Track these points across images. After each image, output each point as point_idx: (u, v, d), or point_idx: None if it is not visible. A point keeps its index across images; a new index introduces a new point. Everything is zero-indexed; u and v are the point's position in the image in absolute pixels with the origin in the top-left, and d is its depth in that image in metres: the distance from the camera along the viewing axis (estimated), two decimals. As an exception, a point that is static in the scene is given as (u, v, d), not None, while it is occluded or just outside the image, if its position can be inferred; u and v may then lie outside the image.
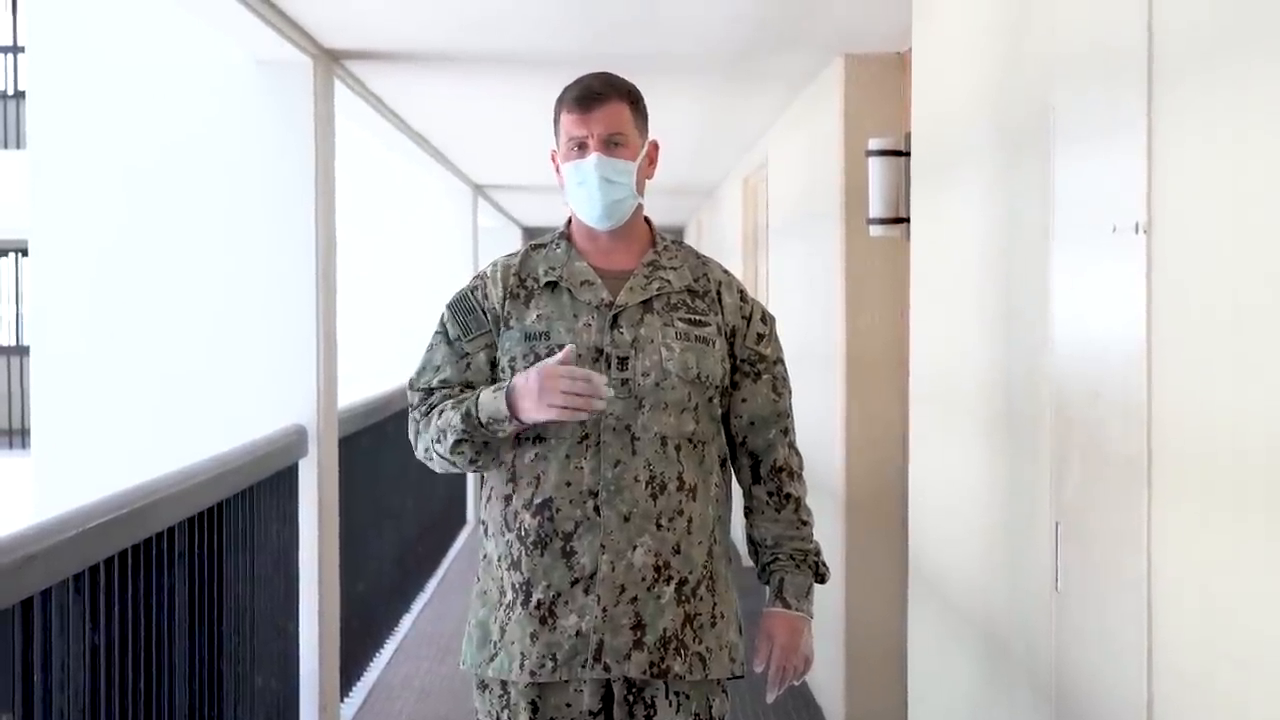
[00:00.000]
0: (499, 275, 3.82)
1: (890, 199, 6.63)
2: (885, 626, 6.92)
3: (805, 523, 3.91)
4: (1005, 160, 4.47)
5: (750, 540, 3.93)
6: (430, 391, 3.77)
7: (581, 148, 3.73)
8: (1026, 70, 4.23)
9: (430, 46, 7.43)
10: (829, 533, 7.57)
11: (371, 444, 8.42)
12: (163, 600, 5.03)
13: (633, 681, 3.70)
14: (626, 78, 3.92)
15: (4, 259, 26.22)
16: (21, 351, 25.05)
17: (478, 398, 3.61)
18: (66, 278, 10.42)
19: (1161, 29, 3.16)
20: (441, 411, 3.68)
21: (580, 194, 3.74)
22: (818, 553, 3.91)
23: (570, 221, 3.90)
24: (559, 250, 3.84)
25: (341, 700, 7.77)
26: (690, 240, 20.74)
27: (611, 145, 3.73)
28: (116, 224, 10.32)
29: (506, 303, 3.76)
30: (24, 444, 23.18)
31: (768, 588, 3.89)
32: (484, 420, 3.58)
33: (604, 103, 3.74)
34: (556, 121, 3.84)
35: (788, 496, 3.89)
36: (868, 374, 7.22)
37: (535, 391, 3.49)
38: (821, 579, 3.91)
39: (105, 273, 10.34)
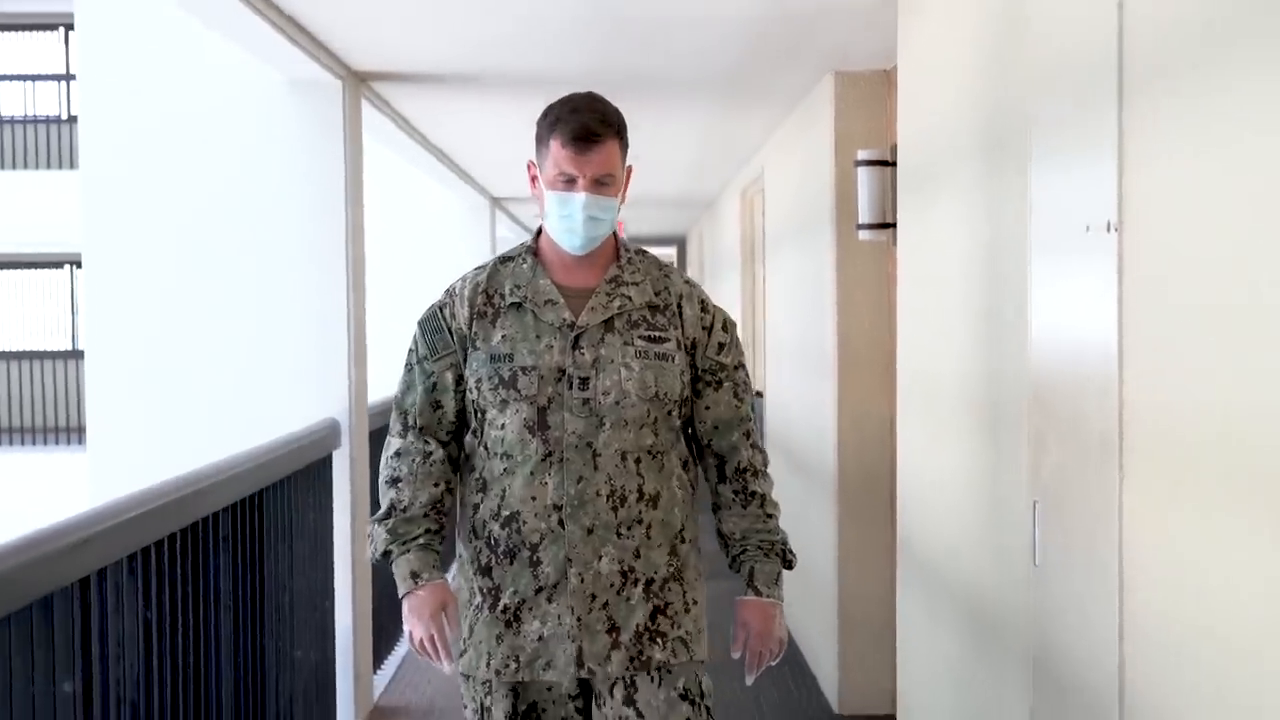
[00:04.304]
0: (467, 293, 3.73)
1: (878, 206, 6.64)
2: (875, 600, 6.92)
3: (771, 515, 3.85)
4: (985, 168, 4.47)
5: (720, 534, 3.87)
6: (409, 424, 3.74)
7: (570, 182, 3.61)
8: (1005, 84, 4.23)
9: (450, 68, 7.43)
10: (823, 513, 7.59)
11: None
12: (209, 579, 5.05)
13: None
14: (630, 97, 3.84)
15: (60, 271, 26.22)
16: (77, 355, 25.09)
17: (402, 555, 3.66)
18: (117, 287, 10.44)
19: (1131, 46, 3.18)
20: (392, 507, 3.68)
21: (563, 225, 3.65)
22: (785, 542, 3.86)
23: (539, 235, 3.82)
24: (525, 266, 3.75)
25: (375, 672, 7.78)
26: (692, 249, 20.76)
27: (600, 185, 3.61)
28: (163, 236, 10.34)
29: (474, 323, 3.69)
30: (80, 440, 23.28)
31: (739, 575, 3.83)
32: (392, 573, 3.69)
33: (599, 144, 3.60)
34: (543, 142, 3.69)
35: (753, 494, 3.83)
36: (858, 367, 7.22)
37: (415, 618, 3.64)
38: (789, 565, 3.85)
39: (153, 282, 10.36)
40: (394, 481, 3.68)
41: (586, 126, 3.58)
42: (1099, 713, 3.36)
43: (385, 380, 8.67)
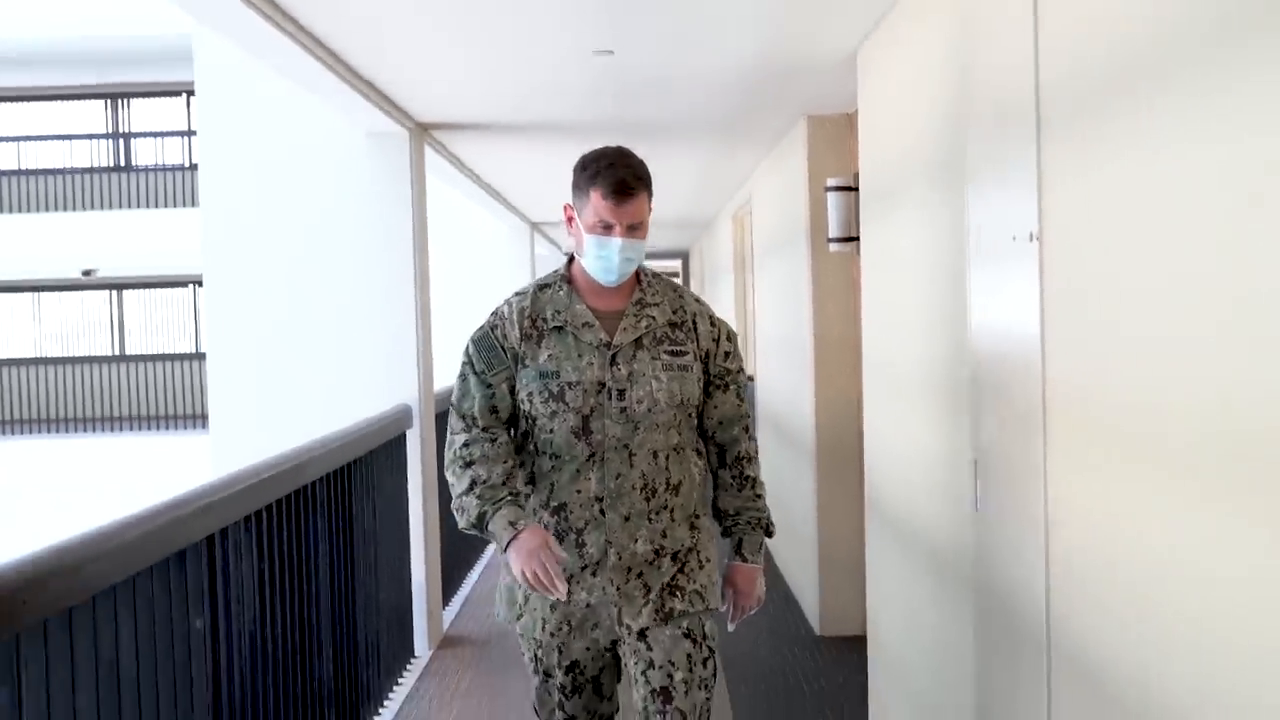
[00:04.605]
0: (514, 316, 3.56)
1: (844, 223, 6.61)
2: (848, 542, 6.91)
3: (759, 496, 3.76)
4: (930, 190, 4.45)
5: (716, 508, 3.77)
6: (472, 421, 3.56)
7: (608, 228, 3.46)
8: (944, 123, 4.21)
9: (495, 118, 7.42)
10: (804, 474, 7.59)
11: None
12: (310, 536, 5.07)
13: None
14: (641, 139, 3.75)
15: (184, 289, 26.25)
16: (199, 357, 25.14)
17: (496, 513, 3.45)
18: (232, 301, 10.50)
19: (1045, 91, 3.18)
20: (474, 482, 3.49)
21: (599, 264, 3.49)
22: (768, 518, 3.78)
23: (570, 264, 3.66)
24: (561, 293, 3.58)
25: (444, 607, 7.78)
26: (694, 262, 20.72)
27: (632, 230, 3.48)
28: (268, 260, 10.39)
29: (522, 343, 3.53)
30: (203, 425, 23.34)
31: (729, 542, 3.76)
32: (488, 531, 3.46)
33: (634, 197, 3.46)
34: (583, 191, 3.52)
35: (747, 478, 3.73)
36: (831, 355, 7.21)
37: (525, 556, 3.35)
38: (769, 535, 3.78)
39: (260, 297, 10.41)
40: (469, 463, 3.52)
41: (624, 182, 3.45)
42: (1030, 630, 3.35)
43: (447, 373, 8.72)
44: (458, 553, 8.70)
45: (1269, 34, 2.04)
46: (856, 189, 6.28)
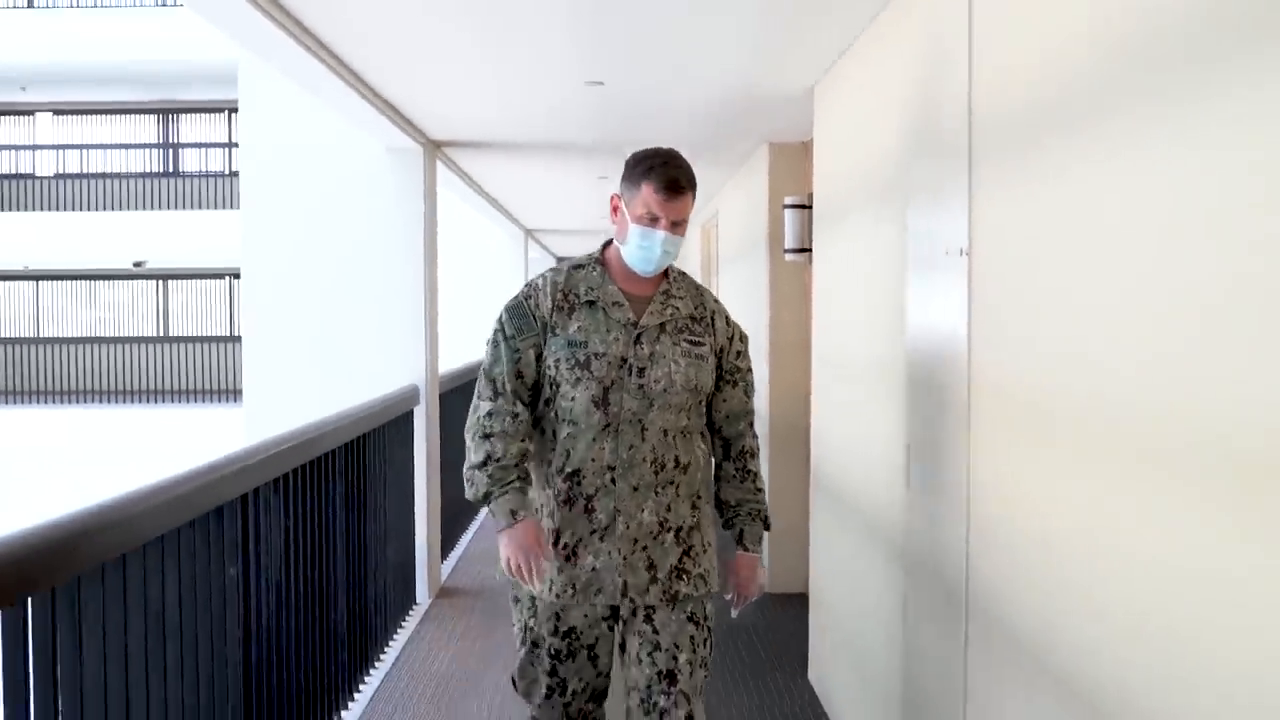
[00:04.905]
0: (548, 289, 3.33)
1: (799, 236, 6.63)
2: (795, 511, 6.90)
3: (760, 489, 3.54)
4: (875, 209, 4.45)
5: (719, 499, 3.53)
6: (499, 388, 3.31)
7: (654, 220, 3.26)
8: (888, 151, 4.22)
9: (498, 138, 7.42)
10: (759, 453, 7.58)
11: (459, 398, 8.43)
12: (330, 498, 5.07)
13: None
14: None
15: (222, 281, 26.18)
16: (234, 339, 25.16)
17: (502, 496, 3.23)
18: (266, 291, 10.49)
19: (976, 124, 3.19)
20: (489, 457, 3.25)
21: (641, 253, 3.28)
22: (767, 511, 3.56)
23: (605, 249, 3.44)
24: (595, 273, 3.36)
25: (442, 562, 7.79)
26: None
27: (675, 226, 3.28)
28: (299, 256, 10.40)
29: (554, 314, 3.29)
30: (236, 400, 23.34)
31: (730, 533, 3.53)
32: (490, 510, 3.27)
33: (682, 195, 3.27)
34: (634, 183, 3.32)
35: (749, 472, 3.52)
36: (785, 352, 7.22)
37: (514, 547, 3.19)
38: (768, 527, 3.54)
39: (291, 288, 10.40)
40: (488, 436, 3.28)
41: (676, 180, 3.27)
42: (951, 590, 3.36)
43: (449, 359, 8.73)
44: (455, 516, 8.70)
45: (1158, 75, 2.09)
46: (810, 207, 6.29)
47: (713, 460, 3.56)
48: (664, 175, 3.27)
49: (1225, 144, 1.90)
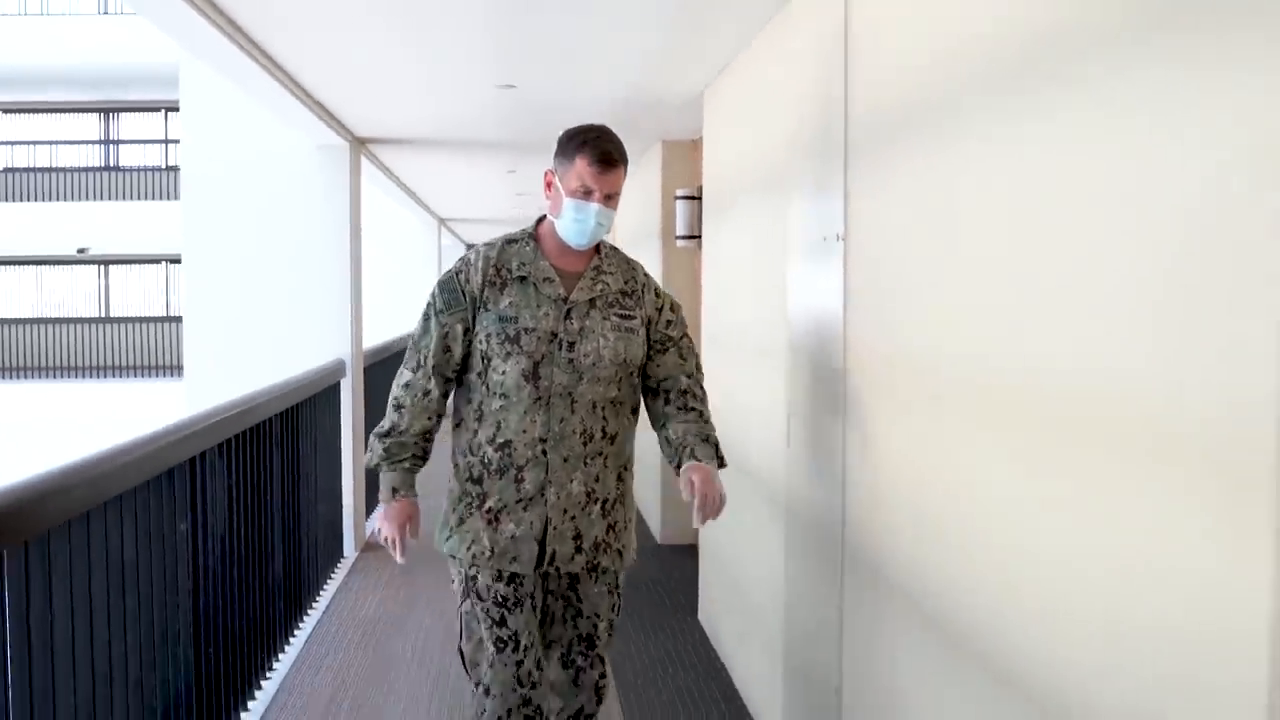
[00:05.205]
0: (480, 264, 3.09)
1: (689, 224, 6.65)
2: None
3: (707, 421, 3.24)
4: (759, 199, 4.46)
5: (666, 442, 3.21)
6: (421, 361, 3.12)
7: (588, 193, 3.05)
8: (771, 148, 4.22)
9: (417, 135, 7.32)
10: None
11: (380, 371, 8.35)
12: (267, 461, 4.98)
13: None
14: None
15: (159, 266, 25.70)
16: (170, 320, 24.88)
17: (390, 471, 3.16)
18: (205, 274, 10.28)
19: (851, 123, 3.21)
20: (393, 428, 3.13)
21: (575, 226, 3.06)
22: (718, 443, 3.23)
23: (539, 225, 3.20)
24: (528, 249, 3.12)
25: (366, 519, 7.72)
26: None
27: (608, 199, 3.08)
28: (235, 243, 10.19)
29: (485, 289, 3.06)
30: (170, 375, 23.08)
31: (683, 461, 3.14)
32: (379, 480, 3.21)
33: (616, 168, 3.08)
34: (568, 157, 3.10)
35: (692, 407, 3.22)
36: (674, 328, 7.23)
37: (388, 522, 3.15)
38: (722, 463, 3.19)
39: (227, 272, 10.19)
40: (399, 407, 3.12)
41: (610, 154, 3.07)
42: (828, 538, 3.38)
43: (370, 336, 8.65)
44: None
45: (1003, 81, 2.12)
46: (700, 198, 6.31)
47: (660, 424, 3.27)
48: (597, 149, 3.08)
49: (1058, 142, 1.95)
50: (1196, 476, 1.62)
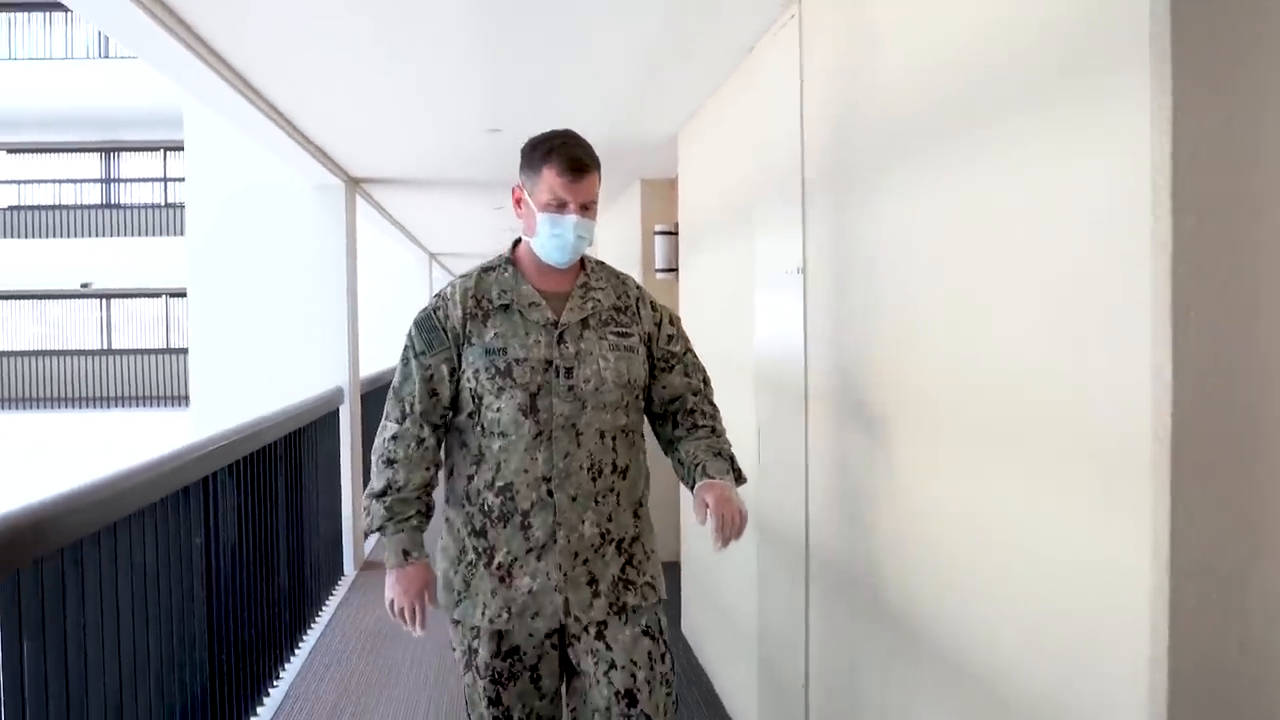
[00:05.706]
0: (458, 297, 2.69)
1: (668, 257, 6.75)
2: (667, 492, 6.93)
3: (720, 436, 2.82)
4: (729, 235, 4.50)
5: (679, 464, 2.81)
6: (407, 410, 2.70)
7: (561, 206, 2.66)
8: (739, 187, 4.26)
9: (409, 175, 7.43)
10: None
11: (375, 398, 8.48)
12: (273, 482, 5.11)
13: None
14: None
15: (159, 299, 25.72)
16: (173, 352, 24.82)
17: (397, 533, 2.67)
18: (210, 306, 10.38)
19: (808, 165, 3.28)
20: (389, 486, 2.68)
21: (554, 242, 2.67)
22: (734, 458, 2.79)
23: (515, 248, 2.80)
24: (507, 274, 2.73)
25: (365, 540, 7.84)
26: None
27: (585, 209, 2.68)
28: (239, 277, 10.29)
29: (467, 323, 2.67)
30: (170, 404, 23.18)
31: (696, 481, 2.70)
32: (384, 546, 2.69)
33: (588, 174, 2.68)
34: (535, 169, 2.70)
35: (699, 425, 2.80)
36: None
37: (400, 592, 2.65)
38: (740, 478, 2.75)
39: (231, 305, 10.31)
40: (391, 462, 2.68)
41: (579, 159, 2.68)
42: (794, 545, 3.44)
43: (366, 365, 8.77)
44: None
45: (943, 125, 2.28)
46: (677, 233, 6.42)
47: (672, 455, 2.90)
48: (565, 155, 2.67)
49: (993, 177, 2.09)
50: (1085, 475, 1.76)
